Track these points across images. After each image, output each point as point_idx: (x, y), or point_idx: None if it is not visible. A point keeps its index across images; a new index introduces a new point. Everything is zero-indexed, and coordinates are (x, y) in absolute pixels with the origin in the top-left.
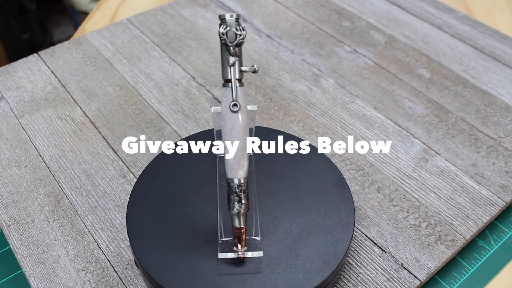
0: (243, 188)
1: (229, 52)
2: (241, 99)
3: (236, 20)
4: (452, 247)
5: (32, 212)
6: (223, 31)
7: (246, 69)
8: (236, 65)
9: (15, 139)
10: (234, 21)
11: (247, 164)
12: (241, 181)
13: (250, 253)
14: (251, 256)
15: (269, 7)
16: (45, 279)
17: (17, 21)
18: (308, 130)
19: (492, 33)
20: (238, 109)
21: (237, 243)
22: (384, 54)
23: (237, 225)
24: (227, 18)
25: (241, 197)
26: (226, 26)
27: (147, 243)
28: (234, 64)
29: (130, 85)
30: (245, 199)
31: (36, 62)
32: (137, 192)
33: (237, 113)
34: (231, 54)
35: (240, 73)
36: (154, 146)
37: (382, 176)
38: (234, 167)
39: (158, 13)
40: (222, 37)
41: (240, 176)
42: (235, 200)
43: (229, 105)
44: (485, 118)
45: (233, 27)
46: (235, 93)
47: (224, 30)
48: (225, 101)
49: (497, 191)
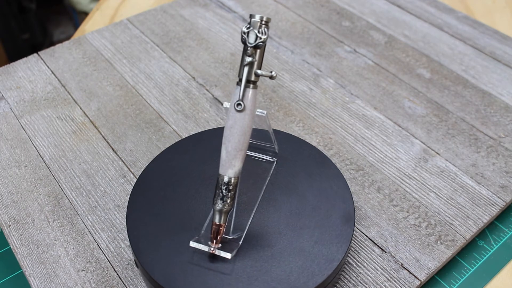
0: (230, 187)
1: (245, 51)
2: (249, 101)
3: (261, 23)
4: (452, 247)
5: (32, 212)
6: (245, 30)
7: (262, 73)
8: (254, 67)
9: (15, 139)
10: (258, 22)
11: (240, 165)
12: (230, 180)
13: (220, 252)
14: (218, 254)
15: (269, 7)
16: (45, 279)
17: (17, 21)
18: (308, 130)
19: (492, 33)
20: (242, 109)
21: (212, 238)
22: (384, 54)
23: (216, 221)
24: (254, 18)
25: (225, 195)
26: (250, 26)
27: (147, 243)
28: (247, 64)
29: (130, 85)
30: (230, 198)
31: (36, 62)
32: (137, 192)
33: (240, 113)
34: (247, 54)
35: (255, 76)
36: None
37: (382, 176)
38: (225, 165)
39: (158, 13)
40: (242, 36)
41: (229, 175)
42: (219, 197)
43: (234, 103)
44: (485, 118)
45: (255, 28)
46: (242, 93)
47: (246, 29)
48: (232, 99)
49: (497, 191)
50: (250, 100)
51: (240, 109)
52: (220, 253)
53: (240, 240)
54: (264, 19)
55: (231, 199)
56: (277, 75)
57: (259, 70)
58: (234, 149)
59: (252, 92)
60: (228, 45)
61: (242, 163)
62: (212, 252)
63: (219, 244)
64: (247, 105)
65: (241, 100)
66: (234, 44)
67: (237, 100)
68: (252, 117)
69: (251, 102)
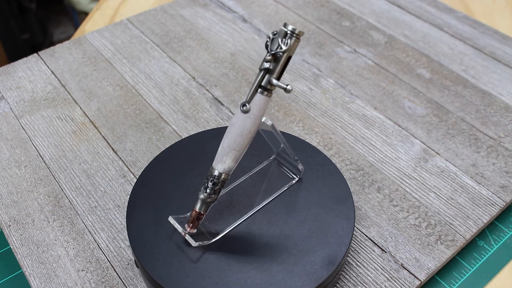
0: (215, 181)
1: (265, 56)
2: (256, 105)
3: (287, 33)
4: (452, 247)
5: (32, 212)
6: (271, 36)
7: (278, 84)
8: (269, 74)
9: (15, 139)
10: (284, 31)
11: (231, 164)
12: (220, 176)
13: (189, 237)
14: (186, 238)
15: (269, 7)
16: (45, 279)
17: (17, 21)
18: (308, 130)
19: (492, 33)
20: (246, 111)
21: (189, 222)
22: (384, 54)
23: (196, 208)
24: (285, 28)
25: (209, 187)
26: (276, 33)
27: (147, 243)
28: (263, 70)
29: (130, 85)
30: (214, 192)
31: (36, 62)
32: (137, 192)
33: (244, 114)
34: (265, 60)
35: (270, 84)
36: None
37: (382, 176)
38: (217, 159)
39: (158, 13)
40: (267, 41)
41: (218, 169)
42: (204, 187)
43: (241, 103)
44: (485, 118)
45: (280, 36)
46: (250, 95)
47: (272, 35)
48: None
49: (497, 191)
50: (257, 104)
51: (244, 110)
52: (188, 237)
53: (216, 237)
54: (295, 31)
55: (215, 193)
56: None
57: (275, 79)
58: (228, 146)
59: (261, 98)
60: (228, 45)
61: (234, 163)
62: (182, 235)
63: (194, 230)
64: (253, 109)
65: (247, 102)
66: (234, 44)
67: (244, 101)
68: (255, 121)
69: (258, 107)
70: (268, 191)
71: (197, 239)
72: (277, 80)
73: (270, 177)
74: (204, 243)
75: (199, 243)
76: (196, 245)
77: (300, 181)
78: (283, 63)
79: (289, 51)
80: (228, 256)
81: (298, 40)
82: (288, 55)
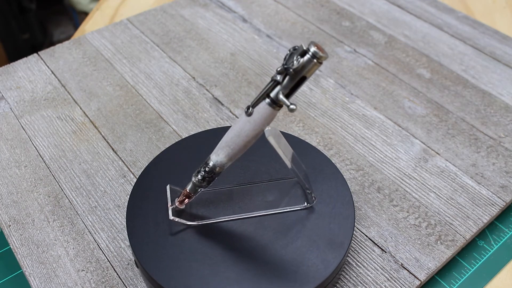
0: (207, 169)
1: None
2: (259, 112)
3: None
4: (452, 247)
5: (32, 212)
6: (290, 50)
7: (283, 99)
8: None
9: (15, 139)
10: (302, 50)
11: (224, 159)
12: (215, 168)
13: (171, 210)
14: (168, 209)
15: (269, 7)
16: (45, 279)
17: (17, 21)
18: (308, 130)
19: (492, 33)
20: (249, 115)
21: (178, 199)
22: (384, 54)
23: (187, 188)
24: (305, 46)
25: (200, 173)
26: (295, 49)
27: (147, 243)
28: (273, 81)
29: (130, 85)
30: (203, 179)
31: (36, 62)
32: (137, 192)
33: (246, 117)
34: (277, 71)
35: (277, 97)
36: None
37: (382, 176)
38: (215, 150)
39: (158, 13)
40: (287, 53)
41: (212, 160)
42: (197, 171)
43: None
44: (485, 118)
45: (297, 53)
46: (255, 100)
47: (290, 50)
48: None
49: (497, 191)
50: (259, 112)
51: (247, 113)
52: (169, 210)
53: (197, 222)
54: (316, 55)
55: (205, 181)
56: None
57: (282, 95)
58: (225, 142)
59: (266, 108)
60: (228, 45)
61: (227, 159)
62: (169, 206)
63: (182, 206)
64: (255, 115)
65: (251, 106)
66: (234, 44)
67: (250, 104)
68: (254, 127)
69: (260, 115)
70: (272, 204)
71: (178, 215)
72: (285, 97)
73: (283, 193)
74: (181, 221)
75: (177, 219)
76: (171, 219)
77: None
78: (294, 81)
79: (302, 70)
80: (228, 256)
81: (317, 64)
82: (300, 75)
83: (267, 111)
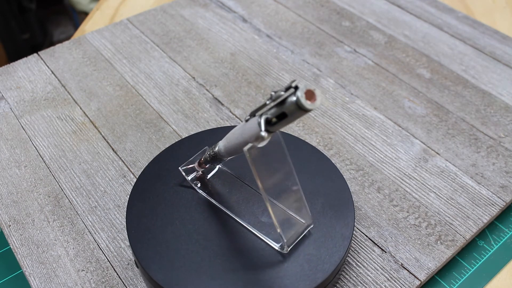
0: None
1: None
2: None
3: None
4: (452, 247)
5: (32, 212)
6: (291, 83)
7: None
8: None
9: (15, 139)
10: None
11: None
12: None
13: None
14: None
15: (269, 7)
16: (45, 279)
17: (17, 21)
18: (308, 130)
19: (492, 33)
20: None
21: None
22: (384, 54)
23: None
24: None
25: (207, 154)
26: (297, 85)
27: (147, 243)
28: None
29: (130, 85)
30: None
31: (36, 62)
32: (137, 192)
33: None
34: (271, 95)
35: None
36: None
37: (382, 176)
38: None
39: (158, 13)
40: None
41: (216, 148)
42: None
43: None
44: (485, 118)
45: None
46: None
47: (293, 83)
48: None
49: (497, 191)
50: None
51: (246, 119)
52: (181, 169)
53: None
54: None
55: (205, 163)
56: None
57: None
58: (227, 134)
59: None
60: (228, 45)
61: (224, 150)
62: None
63: (202, 169)
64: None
65: (250, 115)
66: (234, 44)
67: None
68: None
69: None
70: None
71: (191, 177)
72: (266, 123)
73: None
74: (191, 183)
75: (190, 176)
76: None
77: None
78: (276, 114)
79: (281, 106)
80: (228, 256)
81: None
82: (281, 111)
83: (253, 126)
